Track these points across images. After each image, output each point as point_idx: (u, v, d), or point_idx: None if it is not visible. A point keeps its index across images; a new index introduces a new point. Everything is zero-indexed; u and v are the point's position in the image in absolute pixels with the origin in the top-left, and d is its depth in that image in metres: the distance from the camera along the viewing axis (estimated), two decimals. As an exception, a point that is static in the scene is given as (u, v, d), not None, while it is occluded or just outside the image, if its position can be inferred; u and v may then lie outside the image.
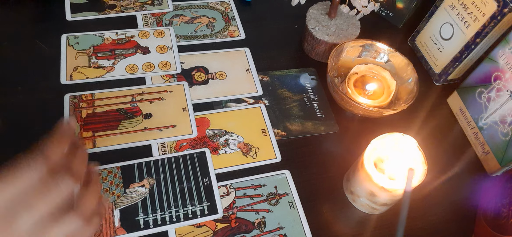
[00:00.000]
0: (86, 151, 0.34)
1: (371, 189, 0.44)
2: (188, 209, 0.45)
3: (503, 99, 0.51)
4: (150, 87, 0.55)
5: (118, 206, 0.44)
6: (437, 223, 0.49)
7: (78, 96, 0.52)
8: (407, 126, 0.58)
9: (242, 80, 0.58)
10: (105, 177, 0.46)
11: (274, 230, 0.45)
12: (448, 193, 0.52)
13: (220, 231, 0.44)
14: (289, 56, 0.63)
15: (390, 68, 0.58)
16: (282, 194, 0.48)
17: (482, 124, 0.55)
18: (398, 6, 0.69)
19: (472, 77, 0.56)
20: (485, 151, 0.55)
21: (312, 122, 0.56)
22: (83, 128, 0.49)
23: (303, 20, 0.61)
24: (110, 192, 0.45)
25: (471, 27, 0.56)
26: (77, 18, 0.61)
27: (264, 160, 0.51)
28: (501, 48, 0.52)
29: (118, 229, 0.43)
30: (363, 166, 0.43)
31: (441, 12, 0.61)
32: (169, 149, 0.50)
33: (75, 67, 0.55)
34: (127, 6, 0.64)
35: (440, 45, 0.61)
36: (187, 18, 0.65)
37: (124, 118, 0.51)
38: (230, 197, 0.47)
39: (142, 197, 0.45)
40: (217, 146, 0.51)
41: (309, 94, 0.59)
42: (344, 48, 0.58)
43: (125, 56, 0.58)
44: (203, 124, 0.53)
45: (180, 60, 0.59)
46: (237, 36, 0.64)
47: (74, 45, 0.58)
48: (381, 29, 0.70)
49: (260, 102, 0.56)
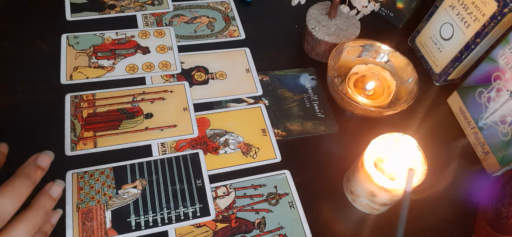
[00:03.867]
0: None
1: (371, 189, 0.44)
2: (180, 211, 0.45)
3: (503, 99, 0.51)
4: (151, 87, 0.55)
5: (110, 207, 0.44)
6: (437, 223, 0.49)
7: (79, 96, 0.52)
8: (407, 126, 0.58)
9: (242, 80, 0.58)
10: (97, 178, 0.46)
11: (274, 230, 0.45)
12: (448, 193, 0.52)
13: (220, 231, 0.44)
14: (289, 56, 0.63)
15: (390, 68, 0.58)
16: (282, 194, 0.48)
17: (482, 124, 0.55)
18: (398, 6, 0.69)
19: (472, 77, 0.56)
20: (485, 151, 0.55)
21: (312, 122, 0.56)
22: (84, 128, 0.49)
23: (303, 20, 0.61)
24: (102, 193, 0.45)
25: (471, 27, 0.56)
26: (77, 18, 0.61)
27: (264, 160, 0.51)
28: (501, 48, 0.52)
29: (109, 230, 0.43)
30: (363, 166, 0.43)
31: (441, 12, 0.61)
32: (169, 149, 0.50)
33: (75, 67, 0.55)
34: (127, 6, 0.64)
35: (440, 45, 0.61)
36: (187, 18, 0.65)
37: (125, 118, 0.51)
38: (230, 197, 0.47)
39: (134, 199, 0.45)
40: (217, 146, 0.51)
41: (309, 94, 0.59)
42: (344, 48, 0.58)
43: (125, 56, 0.58)
44: (203, 124, 0.53)
45: (180, 60, 0.59)
46: (237, 36, 0.64)
47: (74, 45, 0.58)
48: (381, 29, 0.70)
49: (260, 102, 0.56)
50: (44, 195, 0.33)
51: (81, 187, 0.45)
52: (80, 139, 0.48)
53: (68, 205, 0.43)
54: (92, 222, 0.43)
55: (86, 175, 0.46)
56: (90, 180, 0.46)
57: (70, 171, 0.46)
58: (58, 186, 0.34)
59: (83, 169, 0.46)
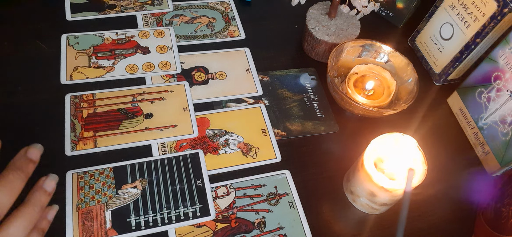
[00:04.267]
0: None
1: (371, 189, 0.44)
2: (180, 211, 0.45)
3: (503, 99, 0.51)
4: (151, 87, 0.55)
5: (110, 207, 0.44)
6: (437, 223, 0.49)
7: (79, 96, 0.52)
8: (407, 126, 0.58)
9: (242, 80, 0.58)
10: (97, 178, 0.46)
11: (274, 230, 0.45)
12: (448, 193, 0.52)
13: (220, 231, 0.44)
14: (289, 56, 0.63)
15: (390, 68, 0.58)
16: (282, 194, 0.48)
17: (482, 124, 0.55)
18: (398, 6, 0.69)
19: (472, 77, 0.56)
20: (485, 151, 0.55)
21: (312, 122, 0.56)
22: (84, 128, 0.49)
23: (303, 20, 0.61)
24: (102, 193, 0.45)
25: (471, 27, 0.56)
26: (77, 18, 0.61)
27: (264, 160, 0.51)
28: (501, 48, 0.52)
29: (109, 230, 0.43)
30: (363, 166, 0.43)
31: (441, 12, 0.61)
32: (169, 149, 0.50)
33: (75, 67, 0.55)
34: (127, 6, 0.64)
35: (440, 45, 0.61)
36: (187, 18, 0.65)
37: (125, 118, 0.51)
38: (230, 197, 0.47)
39: (134, 199, 0.45)
40: (217, 146, 0.51)
41: (309, 94, 0.59)
42: (344, 48, 0.58)
43: (125, 56, 0.58)
44: (203, 124, 0.53)
45: (180, 60, 0.59)
46: (237, 36, 0.64)
47: (74, 45, 0.58)
48: (381, 29, 0.70)
49: (260, 102, 0.56)
50: (38, 189, 0.32)
51: (81, 187, 0.45)
52: (80, 139, 0.48)
53: (68, 205, 0.43)
54: (92, 222, 0.43)
55: (86, 175, 0.46)
56: (90, 180, 0.46)
57: (70, 171, 0.46)
58: (52, 180, 0.33)
59: (83, 169, 0.46)
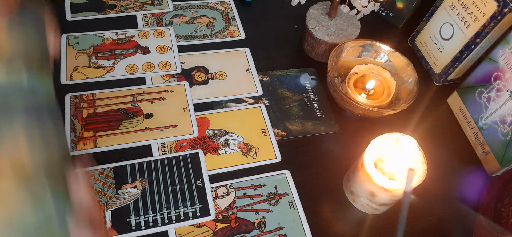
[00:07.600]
0: None
1: (371, 189, 0.44)
2: (180, 211, 0.45)
3: (503, 99, 0.51)
4: (151, 87, 0.55)
5: (110, 207, 0.44)
6: (437, 223, 0.49)
7: (79, 96, 0.52)
8: (407, 126, 0.58)
9: (242, 80, 0.58)
10: (98, 178, 0.46)
11: (274, 230, 0.45)
12: (448, 193, 0.52)
13: (220, 231, 0.44)
14: (289, 56, 0.63)
15: (390, 68, 0.58)
16: (282, 194, 0.48)
17: (482, 124, 0.55)
18: (398, 6, 0.69)
19: (472, 77, 0.56)
20: (485, 151, 0.55)
21: (312, 122, 0.56)
22: (84, 128, 0.49)
23: (303, 20, 0.61)
24: (102, 193, 0.45)
25: (471, 27, 0.56)
26: (77, 18, 0.61)
27: (264, 160, 0.51)
28: (501, 48, 0.52)
29: (109, 230, 0.43)
30: (363, 166, 0.43)
31: (441, 12, 0.61)
32: (169, 149, 0.50)
33: (75, 67, 0.55)
34: (127, 6, 0.64)
35: (440, 45, 0.61)
36: (187, 18, 0.65)
37: (125, 118, 0.51)
38: (230, 197, 0.47)
39: (134, 199, 0.45)
40: (217, 146, 0.51)
41: (309, 94, 0.59)
42: (344, 48, 0.58)
43: (125, 56, 0.58)
44: (203, 124, 0.53)
45: (180, 60, 0.59)
46: (237, 36, 0.64)
47: (74, 45, 0.58)
48: (381, 29, 0.70)
49: (260, 102, 0.56)
50: None
51: (81, 187, 0.45)
52: (80, 139, 0.48)
53: (68, 205, 0.43)
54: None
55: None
56: (90, 180, 0.46)
57: (70, 171, 0.46)
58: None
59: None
